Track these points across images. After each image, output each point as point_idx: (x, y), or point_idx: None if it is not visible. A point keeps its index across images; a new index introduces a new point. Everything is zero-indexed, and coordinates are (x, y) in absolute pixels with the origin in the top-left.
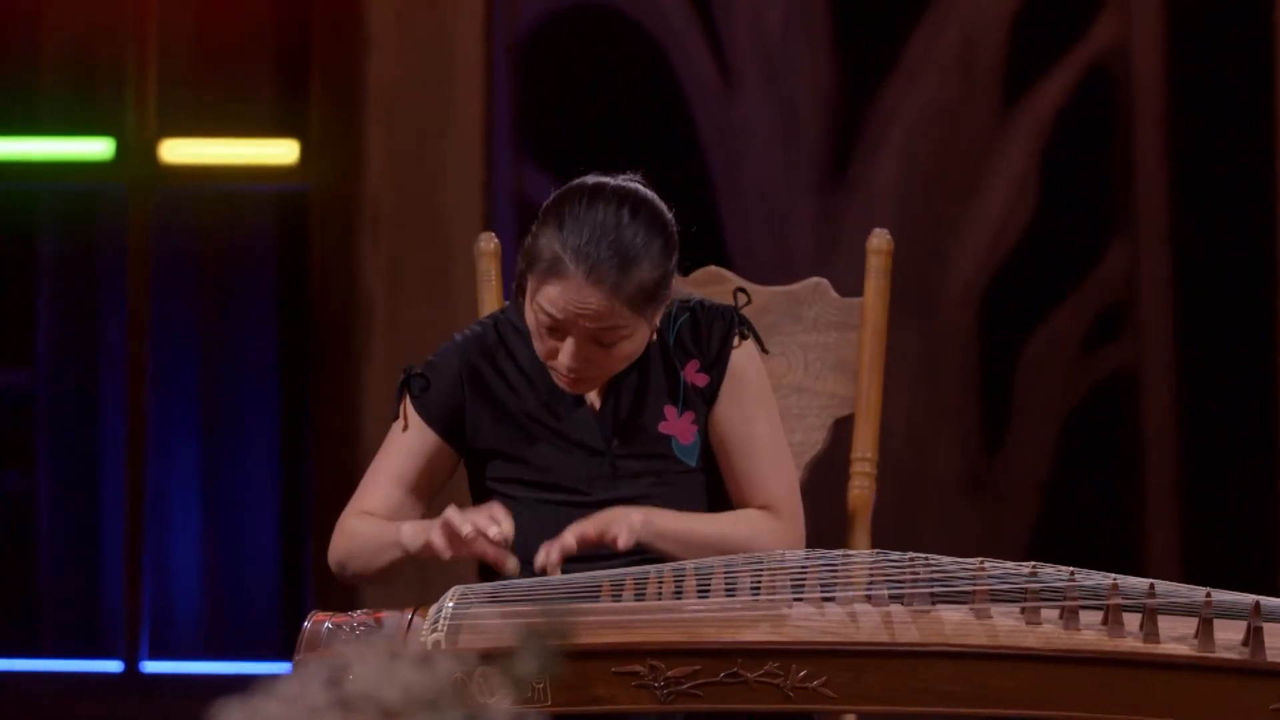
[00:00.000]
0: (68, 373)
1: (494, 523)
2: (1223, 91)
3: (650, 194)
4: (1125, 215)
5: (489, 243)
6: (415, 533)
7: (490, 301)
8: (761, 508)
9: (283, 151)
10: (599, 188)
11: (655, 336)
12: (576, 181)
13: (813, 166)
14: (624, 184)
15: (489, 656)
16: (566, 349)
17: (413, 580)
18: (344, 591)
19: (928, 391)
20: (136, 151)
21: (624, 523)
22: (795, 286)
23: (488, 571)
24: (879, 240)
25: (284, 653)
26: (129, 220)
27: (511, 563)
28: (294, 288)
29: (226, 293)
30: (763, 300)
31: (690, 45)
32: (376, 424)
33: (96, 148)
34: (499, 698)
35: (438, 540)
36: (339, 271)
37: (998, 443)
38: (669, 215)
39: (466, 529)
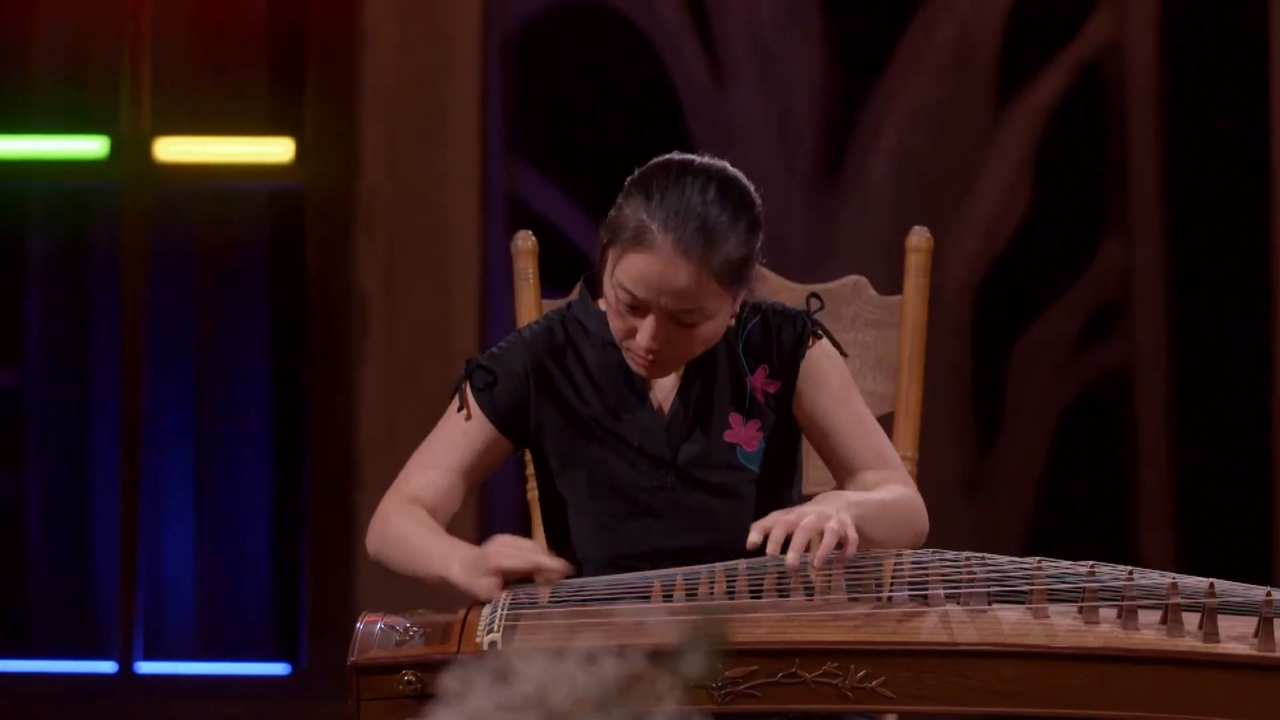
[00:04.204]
0: (59, 372)
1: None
2: (1217, 89)
3: (738, 173)
4: (1119, 213)
5: (526, 241)
6: (468, 578)
7: (528, 300)
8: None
9: (278, 150)
10: (687, 163)
11: (732, 321)
12: (663, 157)
13: (806, 165)
14: (712, 161)
15: (656, 657)
16: (646, 328)
17: (414, 585)
18: (337, 594)
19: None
20: (131, 150)
21: (845, 513)
22: (833, 285)
23: None
24: (918, 238)
25: (278, 653)
26: (123, 219)
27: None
28: (289, 287)
29: (221, 292)
30: (799, 299)
31: (683, 43)
32: (372, 424)
33: (91, 146)
34: (664, 698)
35: (490, 592)
36: (335, 270)
37: (991, 441)
38: (755, 196)
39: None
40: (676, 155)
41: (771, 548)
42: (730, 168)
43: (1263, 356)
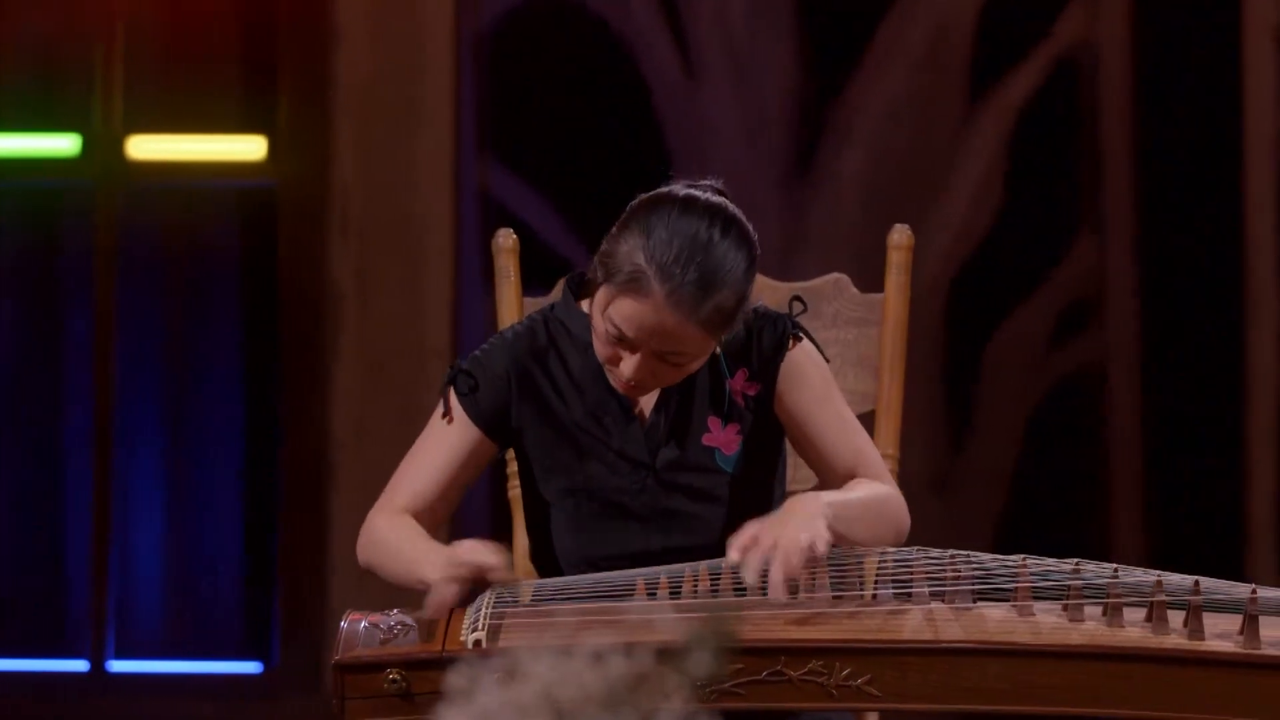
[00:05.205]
0: (30, 370)
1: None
2: (1189, 86)
3: (738, 211)
4: (1091, 210)
5: (507, 239)
6: (440, 585)
7: (510, 299)
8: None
9: (250, 148)
10: (690, 200)
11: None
12: (665, 190)
13: (778, 161)
14: (714, 198)
15: (664, 655)
16: (630, 362)
17: (387, 584)
18: (309, 593)
19: None
20: (103, 148)
21: (819, 519)
22: (815, 282)
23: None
24: (900, 235)
25: (249, 652)
26: (95, 217)
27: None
28: (262, 285)
29: (193, 290)
30: (780, 297)
31: (655, 40)
32: (344, 422)
33: (62, 144)
34: (672, 697)
35: (445, 594)
36: (307, 268)
37: (963, 438)
38: (753, 235)
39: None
40: (679, 189)
41: (751, 579)
42: (730, 206)
43: (1234, 354)
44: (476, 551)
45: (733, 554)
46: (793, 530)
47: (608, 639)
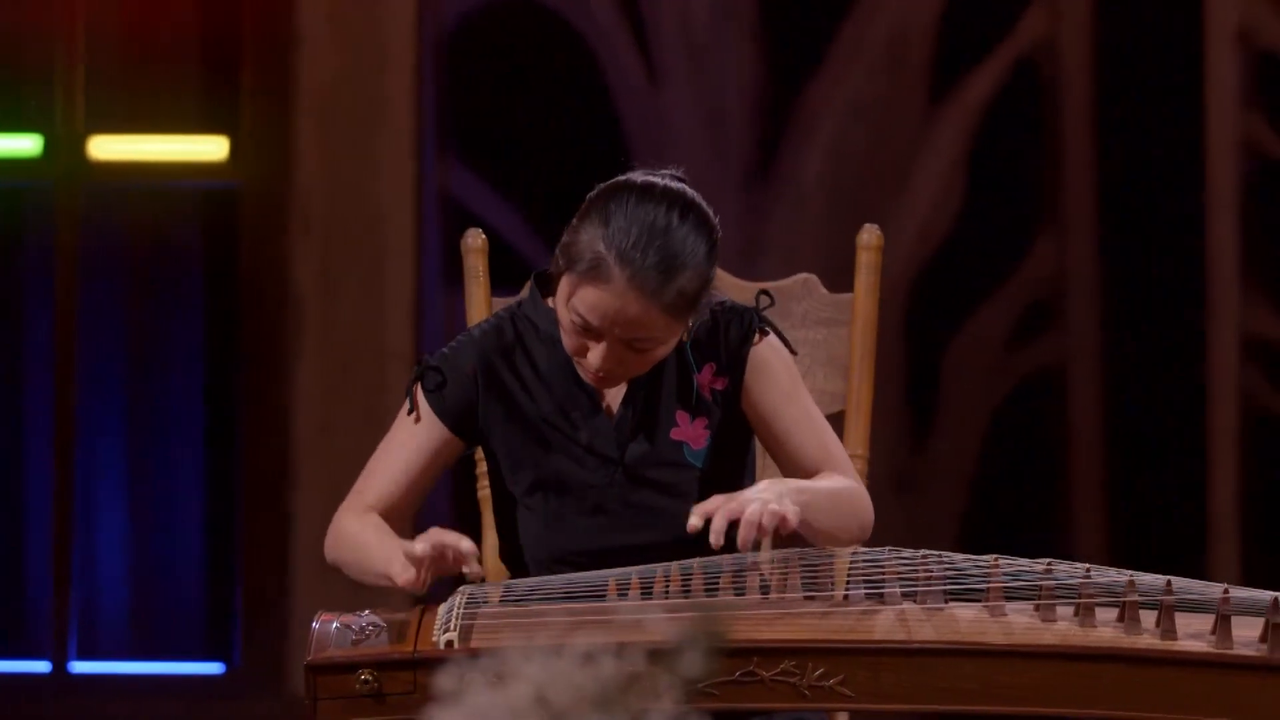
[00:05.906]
0: None
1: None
2: (1150, 86)
3: (697, 196)
4: (1052, 210)
5: (476, 239)
6: (400, 571)
7: (479, 298)
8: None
9: (212, 148)
10: (648, 186)
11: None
12: (623, 178)
13: (739, 162)
14: (672, 184)
15: (655, 655)
16: (597, 351)
17: (350, 584)
18: (271, 593)
19: None
20: (65, 148)
21: (785, 498)
22: (785, 282)
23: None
24: (869, 236)
25: (212, 652)
26: (57, 217)
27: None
28: (224, 285)
29: (155, 290)
30: (748, 297)
31: (616, 41)
32: (306, 423)
33: (24, 144)
34: (664, 698)
35: (406, 580)
36: (269, 269)
37: (924, 439)
38: (714, 219)
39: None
40: (638, 176)
41: (714, 539)
42: (689, 191)
43: (1195, 354)
44: (439, 534)
45: (694, 519)
46: (759, 496)
47: (589, 639)
